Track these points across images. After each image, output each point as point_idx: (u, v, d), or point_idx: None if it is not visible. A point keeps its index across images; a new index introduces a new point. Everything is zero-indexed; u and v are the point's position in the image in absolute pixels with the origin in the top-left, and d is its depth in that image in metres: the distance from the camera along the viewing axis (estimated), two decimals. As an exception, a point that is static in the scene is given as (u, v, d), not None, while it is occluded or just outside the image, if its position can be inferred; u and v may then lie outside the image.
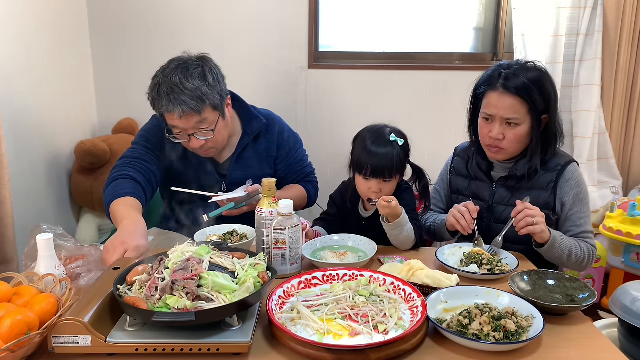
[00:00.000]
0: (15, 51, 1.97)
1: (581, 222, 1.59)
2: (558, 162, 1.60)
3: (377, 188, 1.59)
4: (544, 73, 1.55)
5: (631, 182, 2.95)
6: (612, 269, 2.59)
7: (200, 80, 1.60)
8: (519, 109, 1.51)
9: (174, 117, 1.60)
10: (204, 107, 1.60)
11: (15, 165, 1.82)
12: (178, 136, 1.67)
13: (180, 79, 1.58)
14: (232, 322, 1.06)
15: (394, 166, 1.57)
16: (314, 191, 2.01)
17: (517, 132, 1.54)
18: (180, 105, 1.57)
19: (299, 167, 1.96)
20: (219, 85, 1.66)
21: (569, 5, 2.70)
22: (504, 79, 1.52)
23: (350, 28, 2.92)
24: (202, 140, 1.66)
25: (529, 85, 1.50)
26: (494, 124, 1.56)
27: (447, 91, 2.83)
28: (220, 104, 1.66)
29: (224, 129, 1.72)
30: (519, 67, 1.55)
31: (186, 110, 1.58)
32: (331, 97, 2.83)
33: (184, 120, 1.61)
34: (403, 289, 1.21)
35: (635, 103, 2.81)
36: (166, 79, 1.59)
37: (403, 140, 1.60)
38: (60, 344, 1.00)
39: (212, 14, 2.69)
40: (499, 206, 1.65)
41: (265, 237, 1.38)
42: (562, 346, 1.08)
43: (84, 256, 1.42)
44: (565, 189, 1.58)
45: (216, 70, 1.68)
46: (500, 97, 1.53)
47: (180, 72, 1.60)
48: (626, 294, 1.47)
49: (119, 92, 2.74)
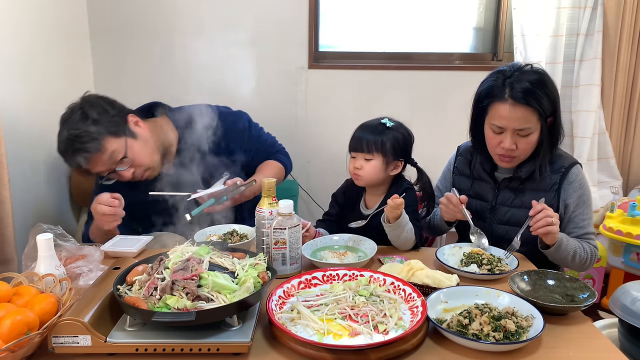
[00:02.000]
0: (16, 51, 1.97)
1: (584, 223, 1.59)
2: (562, 164, 1.60)
3: (359, 164, 1.63)
4: (544, 74, 1.54)
5: (631, 182, 2.95)
6: (612, 269, 2.59)
7: (82, 123, 1.59)
8: (531, 118, 1.49)
9: (85, 166, 1.62)
10: (102, 143, 1.59)
11: (15, 165, 1.82)
12: (106, 178, 1.68)
13: (69, 131, 1.59)
14: (232, 322, 1.06)
15: (373, 142, 1.60)
16: (287, 159, 2.01)
17: (530, 140, 1.52)
18: (80, 154, 1.58)
19: (259, 144, 1.93)
20: (106, 114, 1.63)
21: (569, 5, 2.70)
22: (510, 89, 1.49)
23: (351, 28, 2.92)
24: (128, 169, 1.65)
25: (535, 90, 1.47)
26: (504, 135, 1.52)
27: (447, 91, 2.83)
28: (118, 129, 1.64)
29: (142, 148, 1.69)
30: (520, 72, 1.52)
31: (88, 156, 1.59)
32: (331, 97, 2.83)
33: (95, 165, 1.62)
34: (403, 289, 1.21)
35: (635, 103, 2.82)
36: (60, 138, 1.62)
37: (393, 123, 1.63)
38: (60, 344, 1.00)
39: (212, 14, 2.68)
40: (502, 207, 1.65)
41: (265, 237, 1.38)
42: (562, 346, 1.08)
43: (84, 256, 1.43)
44: (569, 190, 1.58)
45: (100, 102, 1.66)
46: (511, 109, 1.48)
47: (67, 126, 1.60)
48: (626, 294, 1.47)
49: (119, 92, 2.71)
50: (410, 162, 1.69)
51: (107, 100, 1.69)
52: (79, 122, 1.59)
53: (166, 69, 2.70)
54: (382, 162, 1.62)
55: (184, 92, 2.61)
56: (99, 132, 1.60)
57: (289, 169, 2.01)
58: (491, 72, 1.59)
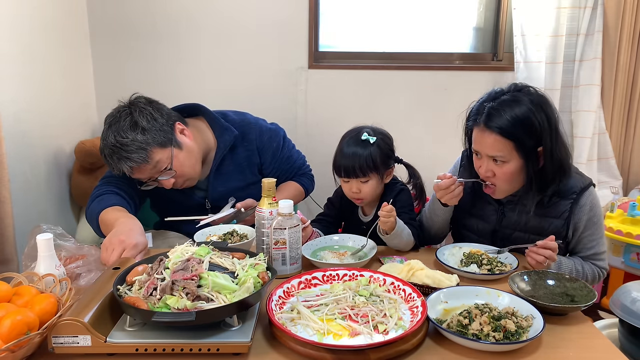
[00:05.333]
0: (16, 51, 1.97)
1: (592, 244, 1.52)
2: (574, 189, 1.49)
3: (357, 188, 1.60)
4: (535, 105, 1.40)
5: (631, 182, 2.95)
6: (612, 269, 2.59)
7: (133, 131, 1.57)
8: (503, 146, 1.41)
9: (129, 174, 1.61)
10: (149, 154, 1.58)
11: (15, 165, 1.82)
12: (145, 184, 1.67)
13: (116, 138, 1.56)
14: (232, 322, 1.06)
15: (365, 165, 1.56)
16: (310, 182, 2.00)
17: (506, 170, 1.43)
18: (125, 162, 1.57)
19: (287, 165, 1.93)
20: (155, 122, 1.61)
21: (569, 5, 2.70)
22: (486, 115, 1.42)
23: (350, 28, 2.91)
24: (169, 179, 1.65)
25: (512, 122, 1.38)
26: (482, 160, 1.48)
27: (447, 91, 2.83)
28: (166, 139, 1.62)
29: (186, 159, 1.67)
30: (508, 99, 1.42)
31: (133, 165, 1.58)
32: (331, 97, 2.83)
33: (138, 173, 1.61)
34: (403, 289, 1.21)
35: (635, 103, 2.81)
36: (105, 142, 1.59)
37: (375, 138, 1.59)
38: (60, 344, 1.00)
39: (212, 14, 2.68)
40: (506, 230, 1.58)
41: (265, 237, 1.38)
42: (562, 346, 1.08)
43: (84, 256, 1.42)
44: (579, 214, 1.49)
45: (148, 109, 1.62)
46: (483, 134, 1.43)
47: (114, 131, 1.58)
48: (626, 294, 1.47)
49: (119, 92, 2.71)
50: (398, 162, 1.69)
51: (155, 105, 1.66)
52: (128, 130, 1.56)
53: (166, 69, 2.70)
54: (378, 178, 1.62)
55: (184, 92, 2.62)
56: (147, 142, 1.57)
57: (309, 192, 2.01)
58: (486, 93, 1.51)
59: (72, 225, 2.43)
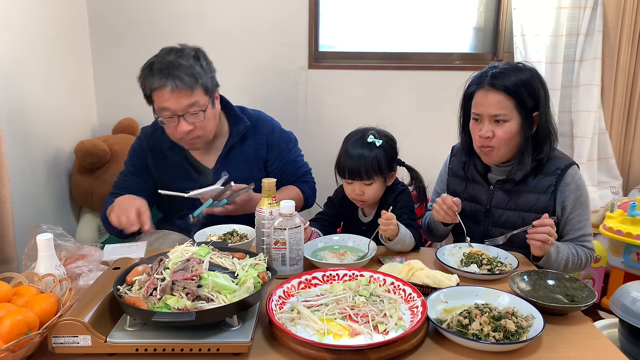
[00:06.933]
0: (16, 51, 1.97)
1: (580, 225, 1.58)
2: (558, 165, 1.59)
3: (360, 190, 1.60)
4: (532, 72, 1.56)
5: (631, 182, 2.95)
6: (612, 269, 2.59)
7: (194, 61, 1.63)
8: (506, 104, 1.51)
9: (165, 93, 1.60)
10: (196, 86, 1.62)
11: (15, 165, 1.82)
12: (166, 120, 1.66)
13: (175, 58, 1.62)
14: (232, 322, 1.06)
15: (370, 167, 1.57)
16: (310, 191, 1.99)
17: (506, 129, 1.53)
18: (173, 79, 1.58)
19: (292, 167, 1.93)
20: (211, 71, 1.69)
21: (569, 5, 2.70)
22: (491, 77, 1.54)
23: (351, 28, 2.92)
24: (190, 125, 1.64)
25: (516, 82, 1.51)
26: (482, 123, 1.56)
27: (447, 91, 2.82)
28: (211, 89, 1.68)
29: (212, 119, 1.71)
30: (509, 67, 1.56)
31: (179, 85, 1.58)
32: (331, 97, 2.83)
33: (175, 98, 1.60)
34: (403, 289, 1.21)
35: (635, 103, 2.81)
36: (160, 58, 1.63)
37: (381, 141, 1.59)
38: (60, 344, 1.00)
39: (212, 14, 2.69)
40: (497, 210, 1.64)
41: (265, 238, 1.38)
42: (562, 346, 1.08)
43: (84, 256, 1.42)
44: (566, 192, 1.57)
45: (209, 60, 1.71)
46: (486, 94, 1.53)
47: (175, 53, 1.64)
48: (626, 294, 1.47)
49: (119, 92, 2.73)
50: (400, 164, 1.69)
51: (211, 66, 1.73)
52: (191, 58, 1.63)
53: (166, 69, 2.70)
54: (382, 181, 1.62)
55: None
56: (200, 77, 1.63)
57: (309, 201, 1.99)
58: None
59: (72, 225, 2.43)
